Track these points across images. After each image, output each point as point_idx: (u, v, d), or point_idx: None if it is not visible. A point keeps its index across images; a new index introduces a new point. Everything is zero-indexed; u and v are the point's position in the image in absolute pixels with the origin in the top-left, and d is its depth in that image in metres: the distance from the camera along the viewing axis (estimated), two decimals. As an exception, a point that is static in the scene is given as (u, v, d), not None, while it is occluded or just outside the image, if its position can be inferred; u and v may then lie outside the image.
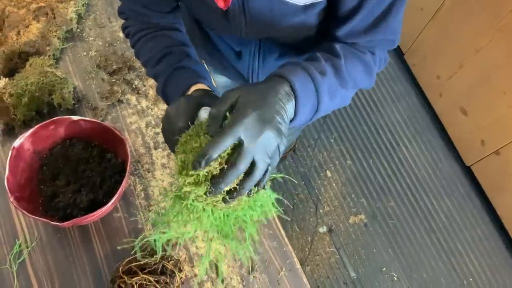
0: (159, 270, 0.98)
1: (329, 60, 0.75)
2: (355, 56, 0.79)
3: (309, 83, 0.69)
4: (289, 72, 0.68)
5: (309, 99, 0.69)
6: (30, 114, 1.11)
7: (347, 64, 0.76)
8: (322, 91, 0.70)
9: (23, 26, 1.16)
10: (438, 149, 2.39)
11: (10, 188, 0.94)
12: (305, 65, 0.71)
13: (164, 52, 0.87)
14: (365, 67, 0.80)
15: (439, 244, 2.21)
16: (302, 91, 0.67)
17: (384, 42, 0.81)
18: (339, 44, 0.79)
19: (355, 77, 0.78)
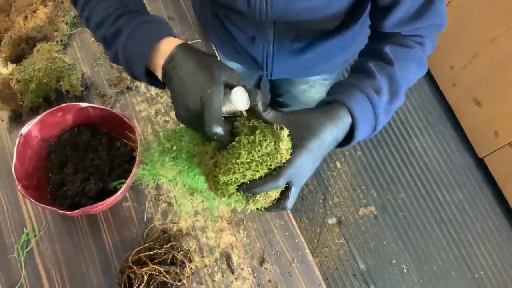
0: (169, 260, 0.96)
1: (383, 70, 0.73)
2: (406, 56, 0.77)
3: (367, 106, 0.69)
4: (347, 96, 0.67)
5: (367, 121, 0.69)
6: (38, 101, 1.08)
7: (401, 70, 0.74)
8: (379, 111, 0.70)
9: (30, 11, 1.14)
10: (450, 140, 2.35)
11: (17, 176, 0.92)
12: (361, 85, 0.70)
13: (126, 9, 0.73)
14: (417, 63, 0.78)
15: (450, 236, 2.18)
16: (361, 115, 0.67)
17: (431, 27, 0.79)
18: (388, 47, 0.76)
19: (409, 79, 0.77)
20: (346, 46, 1.08)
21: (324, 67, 1.14)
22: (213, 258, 1.02)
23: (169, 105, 1.14)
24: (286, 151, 0.61)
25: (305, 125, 0.63)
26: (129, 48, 0.68)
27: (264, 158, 0.61)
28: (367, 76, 0.73)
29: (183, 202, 0.71)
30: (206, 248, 1.03)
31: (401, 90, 0.73)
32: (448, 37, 2.17)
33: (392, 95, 0.72)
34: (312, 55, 1.03)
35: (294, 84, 1.30)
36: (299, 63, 1.05)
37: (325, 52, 1.04)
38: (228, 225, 1.05)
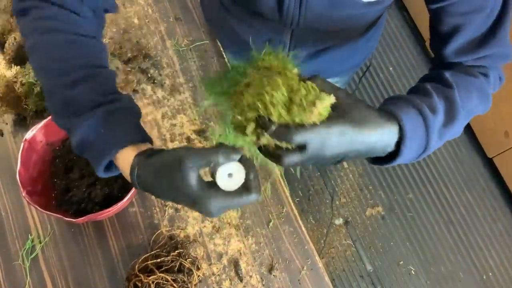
0: (176, 268, 0.94)
1: (441, 92, 0.67)
2: (468, 83, 0.71)
3: (419, 122, 0.62)
4: (399, 108, 0.61)
5: (417, 139, 0.62)
6: (42, 104, 1.06)
7: (461, 95, 0.68)
8: (432, 130, 0.63)
9: (34, 12, 1.11)
10: (459, 139, 2.33)
11: (22, 182, 0.90)
12: (416, 101, 0.64)
13: (88, 73, 0.65)
14: (479, 93, 0.71)
15: (458, 237, 2.15)
16: (411, 130, 0.60)
17: (496, 57, 0.74)
18: (449, 72, 0.71)
19: (469, 107, 0.69)
20: (359, 50, 1.06)
21: (335, 71, 1.12)
22: (221, 266, 1.00)
23: (176, 108, 1.12)
24: (318, 114, 0.56)
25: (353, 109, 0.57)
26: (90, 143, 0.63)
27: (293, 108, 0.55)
28: (422, 95, 0.67)
29: None
30: (214, 255, 1.01)
31: (458, 116, 0.66)
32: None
33: (449, 118, 0.66)
34: (326, 58, 1.01)
35: None
36: (312, 67, 1.03)
37: (339, 56, 1.02)
38: (236, 232, 1.03)
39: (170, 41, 1.19)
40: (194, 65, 1.17)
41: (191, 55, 1.18)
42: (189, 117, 1.11)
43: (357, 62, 1.12)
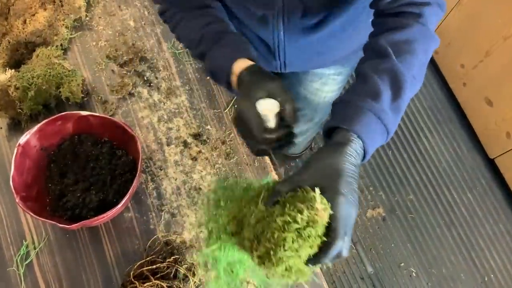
0: (172, 274, 0.93)
1: (379, 68, 0.70)
2: (406, 38, 0.73)
3: (369, 118, 0.67)
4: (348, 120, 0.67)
5: (376, 132, 0.67)
6: (37, 108, 1.05)
7: (401, 57, 0.70)
8: (384, 117, 0.67)
9: (29, 15, 1.10)
10: (461, 140, 2.31)
11: (16, 187, 0.89)
12: (357, 98, 0.68)
13: (201, 33, 0.85)
14: (421, 41, 0.73)
15: (460, 239, 2.13)
16: (366, 133, 0.66)
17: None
18: (382, 37, 0.73)
19: (418, 60, 0.72)
20: (360, 28, 1.03)
21: (338, 53, 1.09)
22: (218, 271, 0.98)
23: (172, 111, 1.11)
24: (324, 210, 0.59)
25: (326, 170, 0.63)
26: (213, 74, 0.84)
27: (308, 232, 0.59)
28: (362, 83, 0.71)
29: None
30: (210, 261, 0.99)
31: (405, 79, 0.69)
32: (459, 35, 2.12)
33: (396, 89, 0.69)
34: (324, 35, 0.98)
35: (305, 84, 1.25)
36: (312, 47, 1.01)
37: (338, 33, 1.00)
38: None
39: (166, 43, 1.18)
40: (190, 68, 1.16)
41: (187, 58, 1.17)
42: (186, 120, 1.10)
43: (359, 43, 1.09)
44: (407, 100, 0.71)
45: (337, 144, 0.66)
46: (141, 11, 1.21)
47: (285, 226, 0.60)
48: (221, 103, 1.13)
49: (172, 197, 1.04)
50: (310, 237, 0.59)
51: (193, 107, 1.12)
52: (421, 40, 0.73)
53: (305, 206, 0.59)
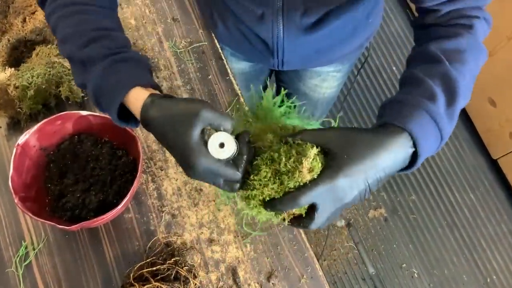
0: (172, 276, 0.92)
1: (431, 72, 0.66)
2: (456, 47, 0.69)
3: (425, 119, 0.61)
4: (400, 116, 0.61)
5: (430, 135, 0.61)
6: (37, 108, 1.04)
7: (453, 64, 0.66)
8: (440, 119, 0.62)
9: (29, 13, 1.09)
10: (463, 141, 2.29)
11: (14, 188, 0.88)
12: (413, 99, 0.63)
13: (96, 34, 0.69)
14: (471, 52, 0.69)
15: (462, 239, 2.12)
16: (420, 132, 0.59)
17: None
18: (433, 44, 0.69)
19: (468, 70, 0.68)
20: (359, 28, 1.02)
21: (337, 52, 1.08)
22: (219, 274, 0.97)
23: (173, 111, 1.10)
24: (308, 170, 0.57)
25: (351, 146, 0.58)
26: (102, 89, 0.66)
27: (282, 177, 0.59)
28: (415, 86, 0.65)
29: None
30: (211, 262, 0.98)
31: (459, 85, 0.65)
32: (463, 34, 2.10)
33: (451, 96, 0.64)
34: (324, 34, 0.97)
35: (305, 80, 1.24)
36: (311, 45, 1.00)
37: (338, 32, 0.98)
38: (234, 239, 1.00)
39: (167, 42, 1.17)
40: (192, 67, 1.14)
41: (189, 57, 1.16)
42: (187, 120, 1.09)
43: (359, 43, 1.08)
44: (460, 109, 0.66)
45: (385, 133, 0.59)
46: (142, 9, 1.20)
47: (268, 161, 0.60)
48: (222, 103, 1.11)
49: (172, 198, 1.02)
50: (282, 184, 0.59)
51: (195, 107, 1.11)
52: (472, 51, 0.70)
53: (296, 157, 0.58)
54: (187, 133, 0.57)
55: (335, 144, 0.58)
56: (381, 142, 0.58)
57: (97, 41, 0.68)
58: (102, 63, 0.66)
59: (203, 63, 1.15)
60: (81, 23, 0.70)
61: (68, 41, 0.70)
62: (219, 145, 0.58)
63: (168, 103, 0.61)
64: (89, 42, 0.68)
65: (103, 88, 0.66)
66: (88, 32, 0.69)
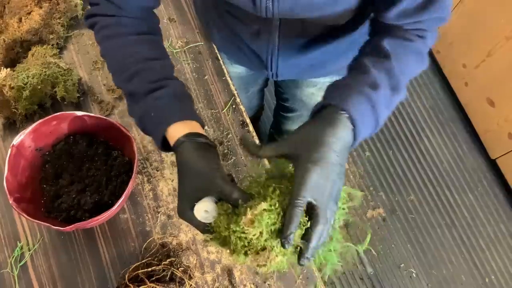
0: (167, 277, 0.92)
1: (378, 64, 0.71)
2: (405, 49, 0.75)
3: (364, 104, 0.67)
4: (343, 99, 0.66)
5: (369, 120, 0.67)
6: (32, 108, 1.04)
7: (398, 62, 0.72)
8: (379, 107, 0.68)
9: (24, 13, 1.09)
10: (462, 141, 2.29)
11: (9, 189, 0.88)
12: (356, 83, 0.68)
13: (138, 68, 0.76)
14: (417, 57, 0.76)
15: (461, 240, 2.12)
16: (359, 115, 0.65)
17: (434, 20, 0.76)
18: (387, 40, 0.74)
19: (408, 72, 0.75)
20: (356, 44, 1.02)
21: (333, 67, 1.08)
22: (215, 275, 0.97)
23: (169, 111, 1.10)
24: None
25: (305, 140, 0.63)
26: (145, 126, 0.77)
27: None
28: (361, 72, 0.71)
29: None
30: (207, 263, 0.98)
31: (400, 83, 0.72)
32: (461, 34, 2.10)
33: (391, 88, 0.71)
34: (319, 52, 0.97)
35: (301, 87, 1.24)
36: (305, 60, 1.00)
37: (333, 49, 0.98)
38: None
39: (164, 42, 1.16)
40: (188, 68, 1.14)
41: (185, 57, 1.15)
42: (183, 121, 1.09)
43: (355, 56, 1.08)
44: (395, 104, 0.73)
45: (327, 117, 0.65)
46: (139, 9, 1.20)
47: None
48: (218, 104, 1.11)
49: (168, 198, 1.02)
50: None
51: (191, 107, 1.10)
52: (417, 57, 0.77)
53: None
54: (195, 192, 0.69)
55: (294, 148, 0.63)
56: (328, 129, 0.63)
57: (138, 75, 0.76)
58: (144, 101, 0.74)
59: (199, 64, 1.15)
60: (124, 57, 0.77)
61: (115, 75, 0.79)
62: (204, 211, 0.68)
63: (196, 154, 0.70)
64: (131, 77, 0.76)
65: (146, 125, 0.76)
66: (130, 66, 0.76)
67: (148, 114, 0.74)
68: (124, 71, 0.77)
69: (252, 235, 0.62)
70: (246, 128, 1.09)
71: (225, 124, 1.09)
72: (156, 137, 0.75)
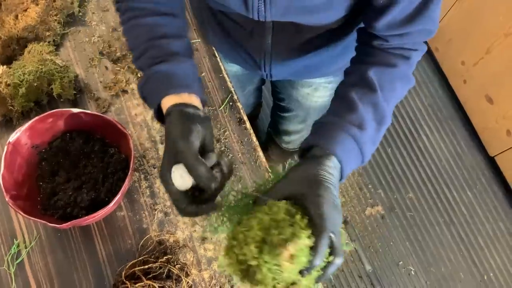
0: (164, 274, 0.92)
1: (366, 99, 0.74)
2: (391, 76, 0.77)
3: (350, 145, 0.71)
4: (330, 141, 0.70)
5: (354, 159, 0.72)
6: (29, 105, 1.04)
7: (385, 94, 0.75)
8: (364, 146, 0.72)
9: (21, 10, 1.08)
10: (461, 138, 2.29)
11: (5, 186, 0.88)
12: (343, 124, 0.71)
13: (147, 45, 0.79)
14: (402, 81, 0.78)
15: (459, 237, 2.12)
16: (345, 157, 0.70)
17: (421, 32, 0.76)
18: (373, 69, 0.76)
19: (395, 98, 0.78)
20: (350, 47, 1.02)
21: (327, 69, 1.08)
22: (212, 272, 0.97)
23: (166, 109, 1.09)
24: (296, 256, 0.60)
25: (305, 179, 0.66)
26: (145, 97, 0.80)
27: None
28: (348, 110, 0.73)
29: None
30: (204, 260, 0.98)
31: (386, 114, 0.75)
32: (460, 32, 2.10)
33: (378, 123, 0.74)
34: (312, 55, 0.97)
35: (297, 88, 1.24)
36: (299, 62, 1.00)
37: (327, 52, 0.98)
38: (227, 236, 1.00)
39: (160, 39, 1.16)
40: (185, 65, 1.14)
41: (182, 54, 1.15)
42: (180, 118, 1.08)
43: (349, 59, 1.08)
44: (380, 137, 0.76)
45: (314, 157, 0.70)
46: (136, 6, 1.19)
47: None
48: (215, 101, 1.11)
49: (165, 195, 1.02)
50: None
51: (188, 104, 1.10)
52: (403, 80, 0.78)
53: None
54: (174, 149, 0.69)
55: (294, 189, 0.67)
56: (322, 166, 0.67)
57: (146, 52, 0.79)
58: (145, 74, 0.78)
59: (196, 61, 1.14)
60: (138, 36, 0.81)
61: (132, 53, 0.83)
62: (179, 176, 0.68)
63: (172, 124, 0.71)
64: (140, 54, 0.80)
65: (145, 96, 0.79)
66: (141, 44, 0.80)
67: (146, 84, 0.78)
68: (135, 50, 0.81)
69: (288, 272, 0.60)
70: (243, 125, 1.09)
71: (222, 121, 1.09)
72: (153, 108, 0.78)
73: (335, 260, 0.63)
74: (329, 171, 0.67)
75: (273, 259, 0.59)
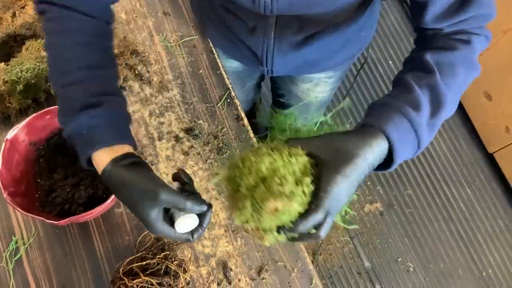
0: (162, 270, 0.92)
1: (422, 82, 0.68)
2: (451, 60, 0.71)
3: (405, 126, 0.65)
4: (382, 119, 0.64)
5: (407, 142, 0.65)
6: (26, 102, 1.04)
7: (444, 77, 0.69)
8: (420, 129, 0.65)
9: (18, 7, 1.08)
10: (460, 135, 2.29)
11: (3, 183, 0.88)
12: (398, 104, 0.66)
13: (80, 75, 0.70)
14: (464, 66, 0.71)
15: (458, 234, 2.12)
16: (398, 139, 0.63)
17: (476, 19, 0.72)
18: (430, 53, 0.71)
19: (457, 84, 0.70)
20: (351, 41, 1.02)
21: (328, 63, 1.08)
22: (209, 268, 0.97)
23: (163, 106, 1.09)
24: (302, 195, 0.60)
25: (340, 149, 0.61)
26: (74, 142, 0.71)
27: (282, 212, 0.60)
28: (404, 91, 0.68)
29: None
30: (201, 256, 0.98)
31: (446, 99, 0.68)
32: (459, 28, 2.09)
33: (436, 107, 0.67)
34: (314, 48, 0.97)
35: (297, 83, 1.24)
36: (301, 57, 1.00)
37: (329, 46, 0.98)
38: (225, 233, 1.00)
39: (158, 36, 1.16)
40: (183, 61, 1.14)
41: (179, 51, 1.15)
42: (178, 115, 1.09)
43: (350, 53, 1.08)
44: (442, 121, 0.70)
45: (366, 133, 0.64)
46: (133, 3, 1.19)
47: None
48: (213, 97, 1.11)
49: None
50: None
51: (185, 101, 1.10)
52: (465, 66, 0.72)
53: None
54: (146, 211, 0.63)
55: (324, 151, 0.62)
56: (364, 143, 0.62)
57: (78, 83, 0.70)
58: (78, 117, 0.68)
59: (194, 57, 1.14)
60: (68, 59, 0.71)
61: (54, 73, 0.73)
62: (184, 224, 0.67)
63: (128, 177, 0.65)
64: (71, 83, 0.70)
65: (76, 140, 0.70)
66: (72, 71, 0.70)
67: (78, 132, 0.69)
68: (64, 74, 0.71)
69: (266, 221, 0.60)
70: (241, 122, 1.09)
71: (219, 118, 1.09)
72: (82, 158, 0.70)
73: (314, 236, 0.62)
74: (369, 150, 0.61)
75: (259, 202, 0.60)
